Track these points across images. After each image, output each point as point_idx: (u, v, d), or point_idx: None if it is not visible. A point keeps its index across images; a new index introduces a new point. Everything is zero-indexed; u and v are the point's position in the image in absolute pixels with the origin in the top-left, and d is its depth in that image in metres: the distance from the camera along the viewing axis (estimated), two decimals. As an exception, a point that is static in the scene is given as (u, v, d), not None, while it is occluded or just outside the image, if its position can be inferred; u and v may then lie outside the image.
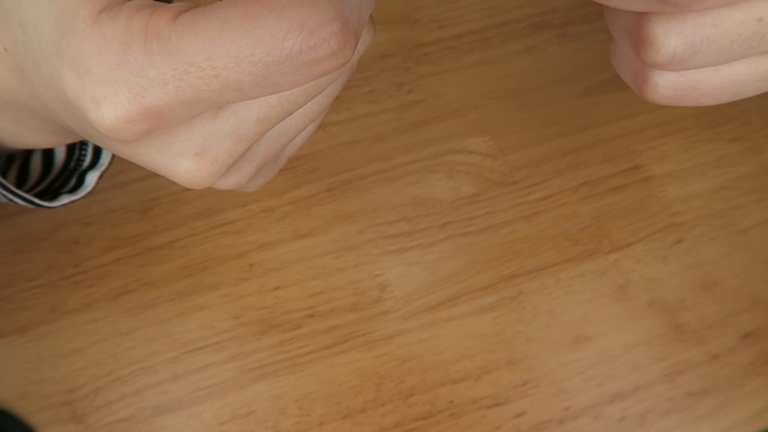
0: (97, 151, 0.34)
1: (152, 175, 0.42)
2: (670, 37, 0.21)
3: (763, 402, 0.39)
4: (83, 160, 0.34)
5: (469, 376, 0.38)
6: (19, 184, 0.33)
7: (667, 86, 0.22)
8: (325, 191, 0.42)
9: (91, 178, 0.34)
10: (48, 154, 0.34)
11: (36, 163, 0.34)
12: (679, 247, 0.42)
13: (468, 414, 0.38)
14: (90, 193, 0.34)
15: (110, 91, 0.19)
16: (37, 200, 0.31)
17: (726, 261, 0.42)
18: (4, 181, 0.30)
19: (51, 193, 0.34)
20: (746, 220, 0.43)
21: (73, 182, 0.34)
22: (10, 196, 0.30)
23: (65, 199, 0.33)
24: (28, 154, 0.34)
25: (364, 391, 0.38)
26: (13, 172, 0.33)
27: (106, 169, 0.34)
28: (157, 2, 0.20)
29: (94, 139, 0.24)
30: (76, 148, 0.34)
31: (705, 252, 0.42)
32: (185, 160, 0.22)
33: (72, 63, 0.19)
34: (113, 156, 0.34)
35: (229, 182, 0.24)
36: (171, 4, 0.19)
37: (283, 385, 0.37)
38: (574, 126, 0.45)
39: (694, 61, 0.21)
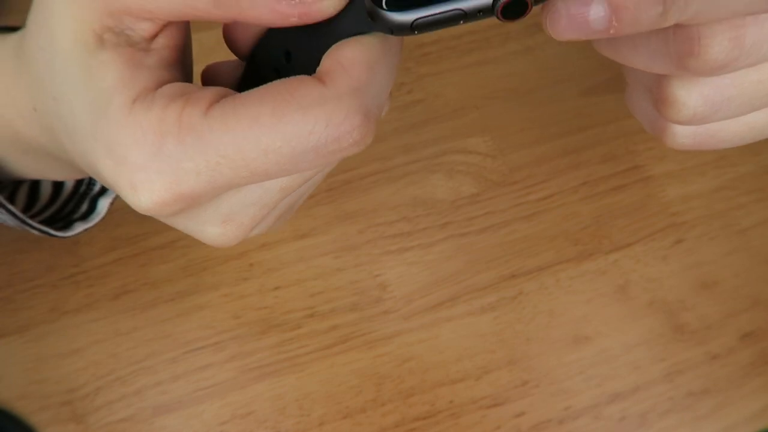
0: None
1: (152, 175, 0.42)
2: (691, 98, 0.22)
3: (763, 402, 0.39)
4: (94, 185, 0.34)
5: (469, 376, 0.38)
6: (29, 205, 0.33)
7: (686, 136, 0.23)
8: (325, 191, 0.42)
9: (103, 205, 0.34)
10: None
11: (46, 185, 0.34)
12: (679, 247, 0.42)
13: (468, 414, 0.38)
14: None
15: (146, 180, 0.20)
16: (51, 230, 0.31)
17: (726, 261, 0.42)
18: (19, 213, 0.30)
19: (63, 219, 0.34)
20: (746, 220, 0.43)
21: (84, 207, 0.34)
22: (25, 226, 0.31)
23: (78, 228, 0.33)
24: None
25: (364, 391, 0.38)
26: (22, 194, 0.33)
27: (117, 196, 0.34)
28: (188, 87, 0.20)
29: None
30: None
31: (705, 252, 0.42)
32: (213, 227, 0.23)
33: (108, 149, 0.20)
34: None
35: (252, 234, 0.25)
36: (202, 93, 0.20)
37: (283, 385, 0.37)
38: (574, 126, 0.45)
39: (714, 117, 0.22)
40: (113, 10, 0.20)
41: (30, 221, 0.30)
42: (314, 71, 0.21)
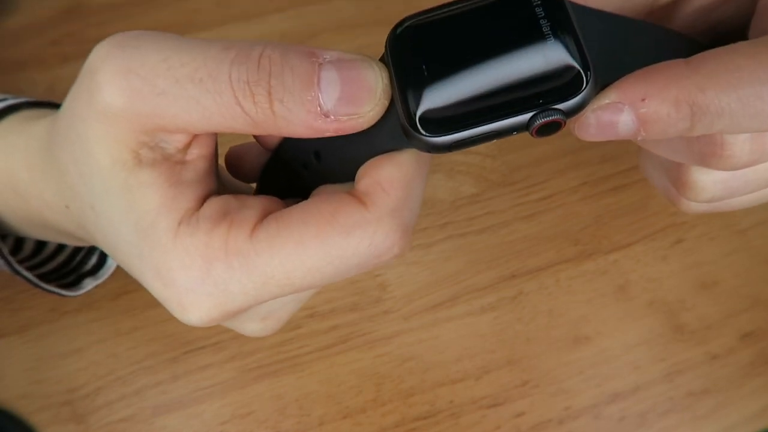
0: None
1: (152, 175, 0.42)
2: (710, 183, 0.23)
3: (763, 402, 0.39)
4: None
5: (469, 376, 0.38)
6: (36, 251, 0.33)
7: (701, 206, 0.25)
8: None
9: (113, 260, 0.34)
10: None
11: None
12: (679, 247, 0.42)
13: (468, 414, 0.38)
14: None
15: (196, 301, 0.21)
16: (63, 291, 0.32)
17: (726, 261, 0.42)
18: (33, 278, 0.30)
19: (72, 272, 0.33)
20: (746, 220, 0.43)
21: (94, 260, 0.34)
22: (38, 287, 0.31)
23: (89, 285, 0.33)
24: None
25: (364, 391, 0.38)
26: (29, 242, 0.33)
27: None
28: (229, 204, 0.21)
29: None
30: None
31: (705, 252, 0.42)
32: (254, 324, 0.24)
33: (156, 271, 0.21)
34: None
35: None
36: (244, 214, 0.21)
37: (283, 385, 0.37)
38: (574, 126, 0.45)
39: (731, 197, 0.23)
40: (149, 128, 0.20)
41: (44, 284, 0.31)
42: (344, 174, 0.22)
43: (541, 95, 0.19)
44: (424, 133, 0.19)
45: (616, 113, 0.19)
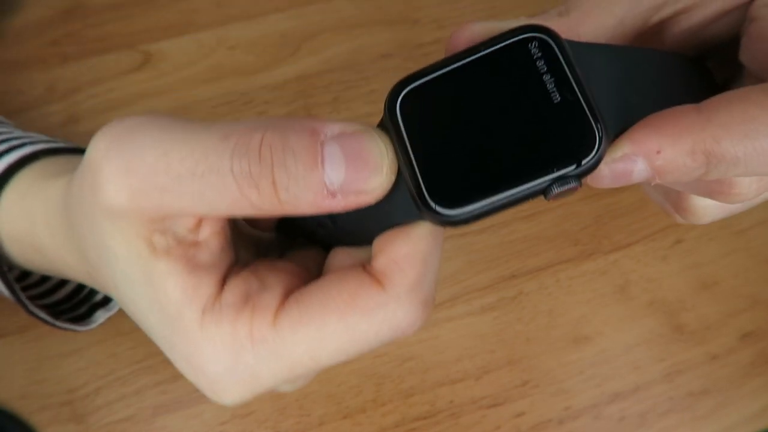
0: None
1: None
2: (711, 208, 0.24)
3: (763, 402, 0.39)
4: None
5: (469, 376, 0.38)
6: (42, 279, 0.33)
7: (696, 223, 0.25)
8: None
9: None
10: None
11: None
12: (679, 247, 0.42)
13: (468, 414, 0.38)
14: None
15: (227, 388, 0.21)
16: (76, 327, 0.32)
17: (725, 261, 0.42)
18: (47, 317, 0.30)
19: (84, 302, 0.33)
20: (746, 220, 0.43)
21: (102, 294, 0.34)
22: (51, 325, 0.31)
23: (101, 317, 0.33)
24: None
25: (364, 391, 0.38)
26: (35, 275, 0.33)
27: None
28: (250, 286, 0.21)
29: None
30: None
31: (704, 252, 0.42)
32: (284, 387, 0.24)
33: (187, 361, 0.21)
34: None
35: None
36: (266, 299, 0.21)
37: (283, 385, 0.37)
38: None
39: (730, 214, 0.24)
40: (155, 217, 0.20)
41: (57, 322, 0.31)
42: (360, 238, 0.22)
43: (556, 161, 0.18)
44: (435, 207, 0.19)
45: (631, 164, 0.19)
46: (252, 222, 0.26)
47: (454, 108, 0.19)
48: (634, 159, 0.19)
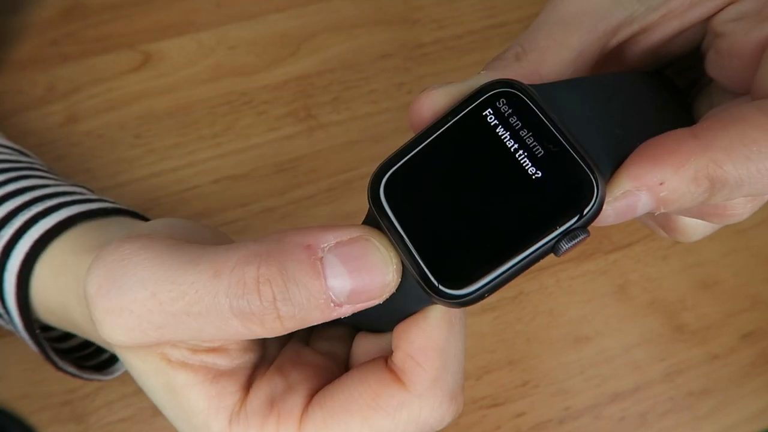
0: None
1: (152, 176, 0.42)
2: (701, 227, 0.24)
3: (763, 402, 0.39)
4: None
5: (469, 376, 0.38)
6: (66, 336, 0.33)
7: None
8: (325, 191, 0.42)
9: None
10: None
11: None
12: (679, 247, 0.42)
13: (468, 414, 0.38)
14: None
15: None
16: (100, 376, 0.32)
17: (726, 261, 0.42)
18: (75, 370, 0.30)
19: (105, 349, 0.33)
20: (746, 220, 0.43)
21: None
22: (78, 377, 0.31)
23: (124, 366, 0.33)
24: None
25: (364, 391, 0.38)
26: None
27: None
28: (274, 390, 0.21)
29: None
30: None
31: (705, 252, 0.42)
32: None
33: None
34: None
35: None
36: (290, 404, 0.20)
37: (283, 385, 0.37)
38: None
39: (715, 230, 0.24)
40: (161, 342, 0.20)
41: (85, 375, 0.31)
42: (379, 326, 0.21)
43: (557, 217, 0.17)
44: (445, 290, 0.18)
45: (634, 200, 0.18)
46: None
47: (439, 185, 0.18)
48: (636, 194, 0.18)
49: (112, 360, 0.33)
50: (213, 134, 0.43)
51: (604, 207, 0.18)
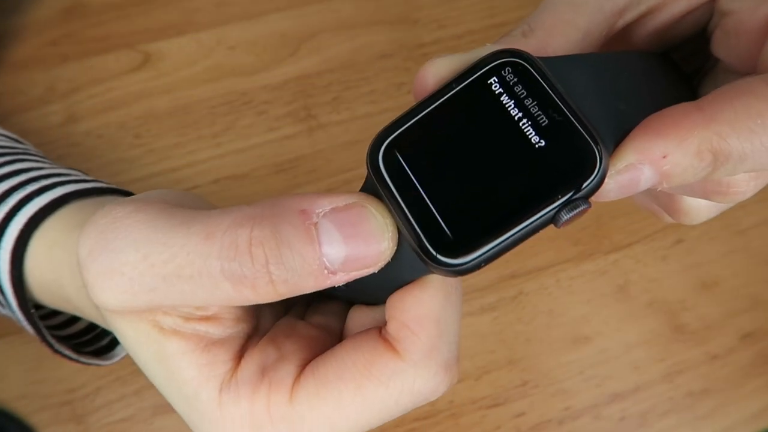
0: None
1: (152, 176, 0.42)
2: (705, 208, 0.24)
3: (763, 402, 0.39)
4: None
5: (469, 376, 0.38)
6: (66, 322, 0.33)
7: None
8: (324, 191, 0.42)
9: None
10: None
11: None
12: (679, 247, 0.42)
13: (468, 414, 0.38)
14: None
15: None
16: (98, 361, 0.31)
17: (726, 261, 0.42)
18: (72, 354, 0.30)
19: (105, 334, 0.33)
20: (746, 220, 0.43)
21: None
22: (75, 361, 0.31)
23: (123, 351, 0.33)
24: None
25: (364, 391, 0.38)
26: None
27: None
28: (266, 359, 0.20)
29: None
30: None
31: (705, 252, 0.42)
32: None
33: None
34: None
35: None
36: (282, 373, 0.20)
37: (283, 385, 0.37)
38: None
39: (720, 212, 0.24)
40: (151, 309, 0.20)
41: (82, 358, 0.31)
42: (374, 297, 0.21)
43: (558, 187, 0.17)
44: (442, 258, 0.17)
45: (637, 173, 0.18)
46: None
47: (439, 152, 0.18)
48: (639, 167, 0.18)
49: (111, 345, 0.33)
50: (213, 134, 0.43)
51: (606, 180, 0.17)
